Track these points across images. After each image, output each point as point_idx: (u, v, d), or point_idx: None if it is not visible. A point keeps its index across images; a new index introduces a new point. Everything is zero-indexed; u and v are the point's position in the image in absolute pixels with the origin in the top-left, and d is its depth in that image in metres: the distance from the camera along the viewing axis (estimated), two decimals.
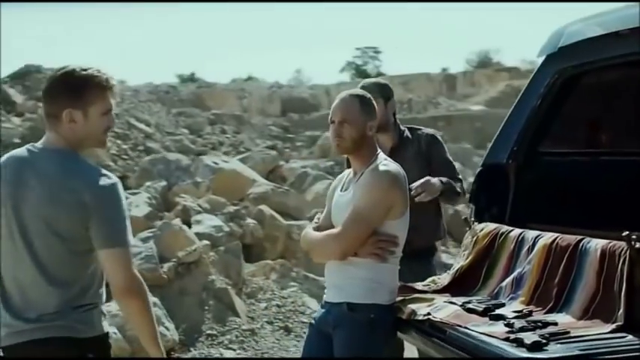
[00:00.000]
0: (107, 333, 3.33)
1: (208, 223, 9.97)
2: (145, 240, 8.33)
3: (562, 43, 4.30)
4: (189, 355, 7.56)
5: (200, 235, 9.14)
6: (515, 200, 4.59)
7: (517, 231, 4.11)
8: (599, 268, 3.55)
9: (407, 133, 5.17)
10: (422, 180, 4.74)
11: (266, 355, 7.78)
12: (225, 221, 10.21)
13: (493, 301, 3.89)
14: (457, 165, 5.45)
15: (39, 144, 3.28)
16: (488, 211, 4.58)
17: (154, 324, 3.27)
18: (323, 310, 4.15)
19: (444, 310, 3.80)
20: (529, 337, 3.22)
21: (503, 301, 3.87)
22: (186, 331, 7.79)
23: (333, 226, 4.15)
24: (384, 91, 5.09)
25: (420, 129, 5.26)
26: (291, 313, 8.63)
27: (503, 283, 4.00)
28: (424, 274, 4.63)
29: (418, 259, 4.74)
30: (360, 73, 61.48)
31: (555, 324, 3.45)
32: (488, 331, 3.42)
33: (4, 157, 3.33)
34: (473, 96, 39.94)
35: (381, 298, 4.00)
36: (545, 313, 3.65)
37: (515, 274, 3.96)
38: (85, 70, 3.21)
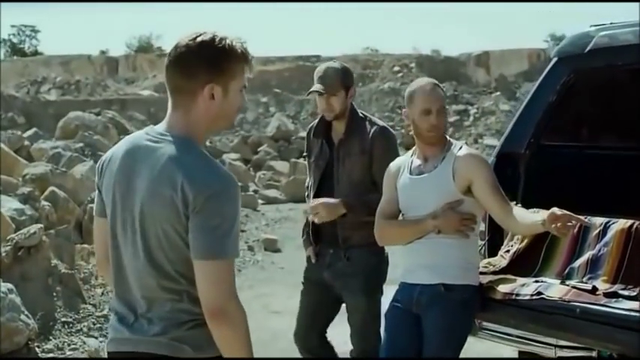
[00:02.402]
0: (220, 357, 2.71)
1: (8, 205, 9.28)
2: None
3: (591, 47, 4.70)
4: (50, 345, 7.05)
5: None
6: (527, 188, 4.93)
7: None
8: None
9: (359, 123, 4.70)
10: (319, 200, 4.64)
11: None
12: (22, 203, 9.57)
13: (575, 280, 4.21)
14: None
15: (159, 128, 2.75)
16: None
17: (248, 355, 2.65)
18: (412, 291, 4.17)
19: (552, 289, 4.04)
20: None
21: (584, 280, 4.20)
22: (41, 320, 7.23)
23: (398, 212, 4.25)
24: (345, 81, 4.65)
25: (374, 122, 4.73)
26: None
27: (575, 265, 4.30)
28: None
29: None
30: (17, 51, 58.33)
31: None
32: (629, 307, 3.75)
33: (121, 142, 2.83)
34: (137, 80, 39.62)
35: (472, 279, 4.17)
36: None
37: (587, 255, 4.28)
38: (224, 38, 2.68)
